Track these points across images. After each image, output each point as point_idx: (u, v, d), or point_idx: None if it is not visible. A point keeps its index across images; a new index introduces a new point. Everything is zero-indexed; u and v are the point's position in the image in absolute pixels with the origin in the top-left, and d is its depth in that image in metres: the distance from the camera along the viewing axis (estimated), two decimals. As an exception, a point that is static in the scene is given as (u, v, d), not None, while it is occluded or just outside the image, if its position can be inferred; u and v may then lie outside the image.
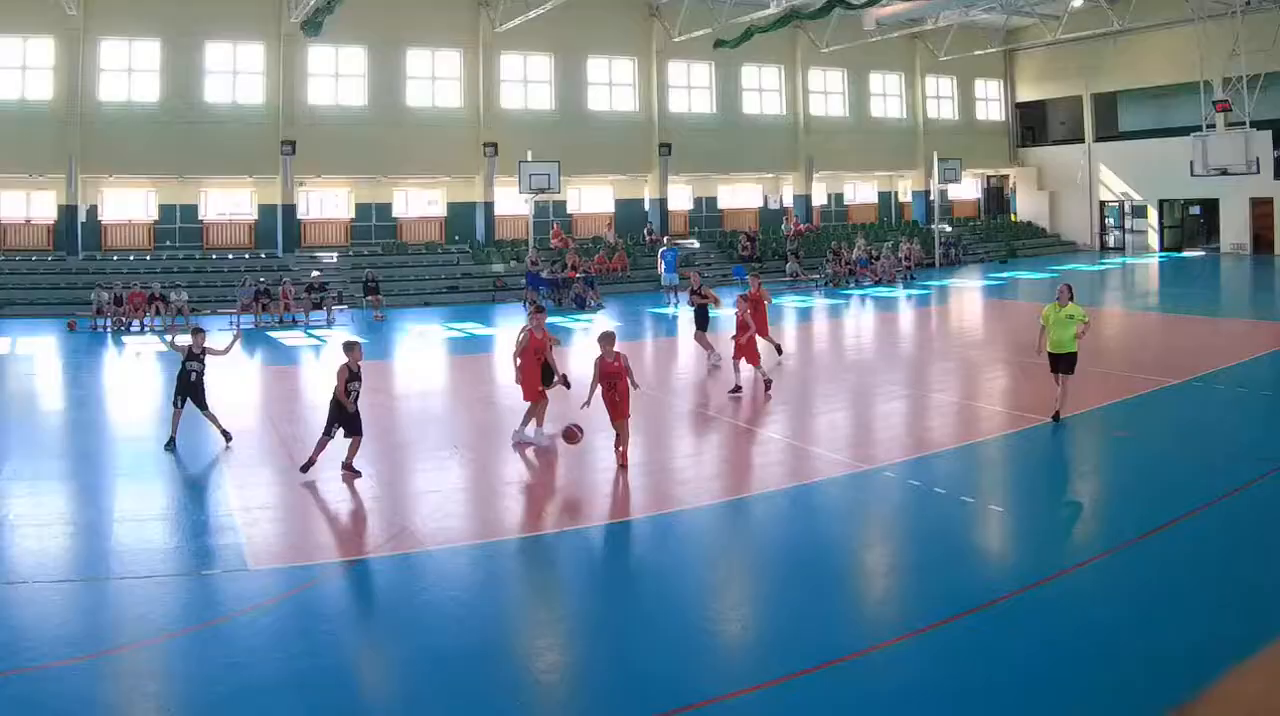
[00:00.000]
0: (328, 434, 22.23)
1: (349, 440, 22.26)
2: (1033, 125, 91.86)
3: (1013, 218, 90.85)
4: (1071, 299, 25.58)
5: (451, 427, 28.67)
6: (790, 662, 13.28)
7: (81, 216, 60.68)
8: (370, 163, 65.85)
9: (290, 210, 64.64)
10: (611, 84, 73.58)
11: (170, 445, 24.65)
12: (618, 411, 22.56)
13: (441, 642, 14.16)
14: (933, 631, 14.15)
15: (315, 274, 57.33)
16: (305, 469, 22.02)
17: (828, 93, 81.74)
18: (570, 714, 12.62)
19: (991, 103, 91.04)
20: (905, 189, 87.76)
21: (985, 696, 12.42)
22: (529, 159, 62.72)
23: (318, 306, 53.88)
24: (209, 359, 25.52)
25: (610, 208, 75.81)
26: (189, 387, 24.93)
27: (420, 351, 44.68)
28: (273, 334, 49.29)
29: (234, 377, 31.53)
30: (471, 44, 68.09)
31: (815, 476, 22.45)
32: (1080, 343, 25.61)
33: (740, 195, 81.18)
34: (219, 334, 35.00)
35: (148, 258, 61.10)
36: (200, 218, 65.32)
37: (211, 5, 61.28)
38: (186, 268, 60.19)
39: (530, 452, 24.51)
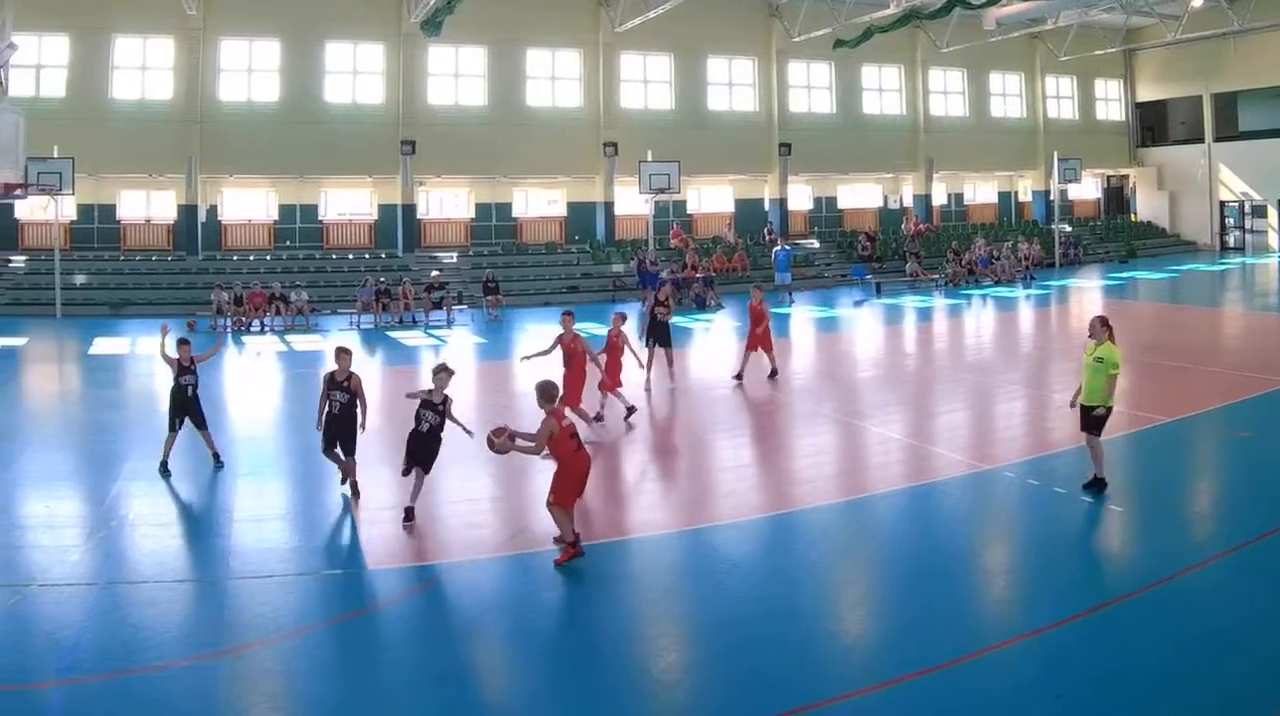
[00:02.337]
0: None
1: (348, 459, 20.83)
2: (1152, 125, 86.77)
3: (1132, 218, 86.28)
4: (1108, 337, 19.68)
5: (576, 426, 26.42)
6: (909, 662, 12.94)
7: (201, 216, 58.87)
8: (490, 163, 63.40)
9: (410, 210, 62.30)
10: (731, 84, 70.27)
11: (163, 468, 22.49)
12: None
13: (560, 643, 14.19)
14: (1051, 631, 13.86)
15: (435, 274, 55.40)
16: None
17: (947, 92, 77.71)
18: (688, 714, 12.31)
19: (1111, 102, 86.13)
20: (1025, 189, 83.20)
21: (1103, 696, 12.02)
22: (649, 159, 60.57)
23: (437, 306, 52.07)
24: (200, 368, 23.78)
25: (730, 207, 72.42)
26: (185, 404, 22.82)
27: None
28: (392, 334, 47.63)
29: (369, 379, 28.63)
30: (591, 44, 65.50)
31: (935, 476, 21.78)
32: (1112, 393, 19.78)
33: (860, 195, 77.44)
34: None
35: (268, 257, 59.24)
36: (320, 218, 63.35)
37: (332, 5, 59.65)
38: (306, 267, 58.29)
39: (649, 454, 24.58)
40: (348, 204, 64.47)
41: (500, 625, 14.77)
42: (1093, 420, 19.54)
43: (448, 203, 66.91)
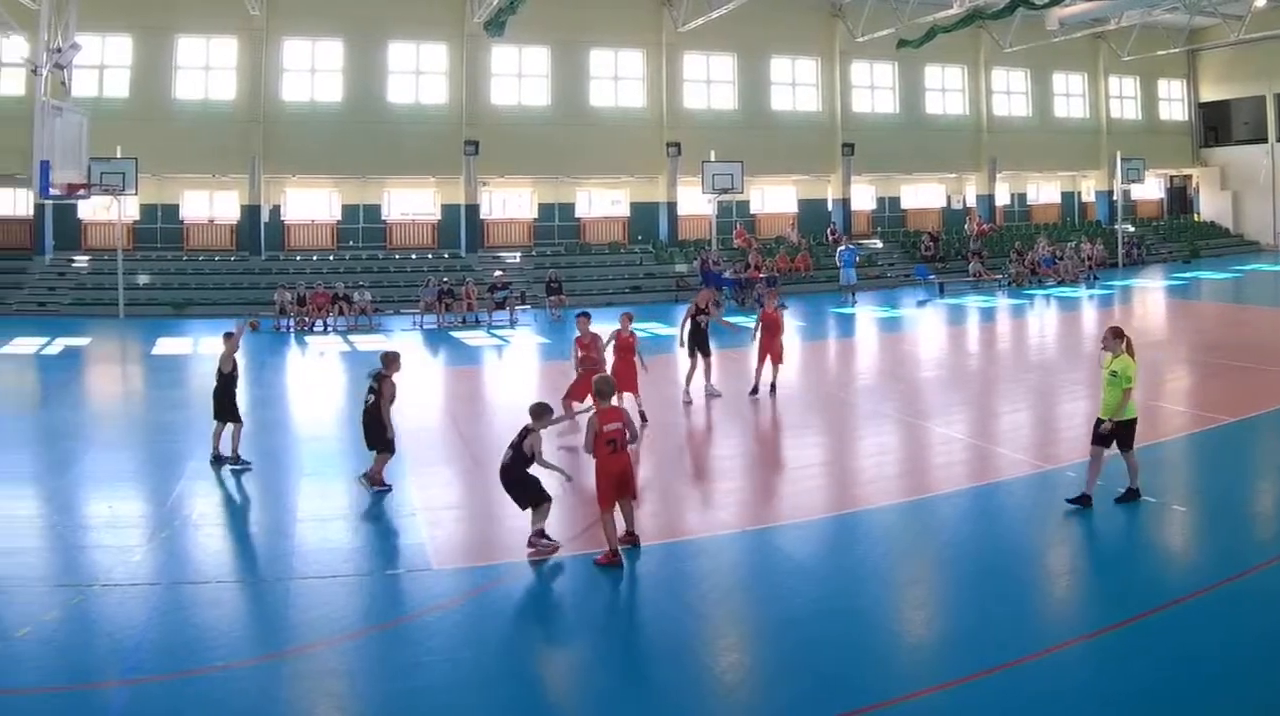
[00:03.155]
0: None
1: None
2: (1215, 125, 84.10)
3: (1195, 218, 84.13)
4: (1124, 348, 18.49)
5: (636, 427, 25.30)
6: (972, 662, 12.63)
7: (264, 216, 58.26)
8: (553, 163, 62.35)
9: (473, 210, 61.39)
10: (794, 84, 68.53)
11: (231, 461, 22.22)
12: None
13: (625, 641, 13.92)
14: (1113, 631, 13.53)
15: (498, 274, 54.57)
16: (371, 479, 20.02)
17: (1010, 92, 75.68)
18: (752, 713, 11.92)
19: (1174, 103, 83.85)
20: (1088, 189, 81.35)
21: (1164, 697, 11.76)
22: (712, 159, 59.14)
23: (500, 306, 51.24)
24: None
25: (793, 207, 70.98)
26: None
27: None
28: (455, 334, 46.99)
29: (418, 377, 29.51)
30: (654, 44, 64.07)
31: (997, 476, 21.37)
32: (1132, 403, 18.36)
33: (923, 195, 75.80)
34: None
35: (330, 257, 58.74)
36: (383, 218, 62.65)
37: (395, 5, 58.76)
38: (370, 267, 57.55)
39: (711, 454, 24.34)
40: (411, 204, 63.51)
41: (563, 625, 14.60)
42: (1100, 435, 18.28)
43: (511, 203, 65.94)
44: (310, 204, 62.17)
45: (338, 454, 23.38)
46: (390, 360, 20.69)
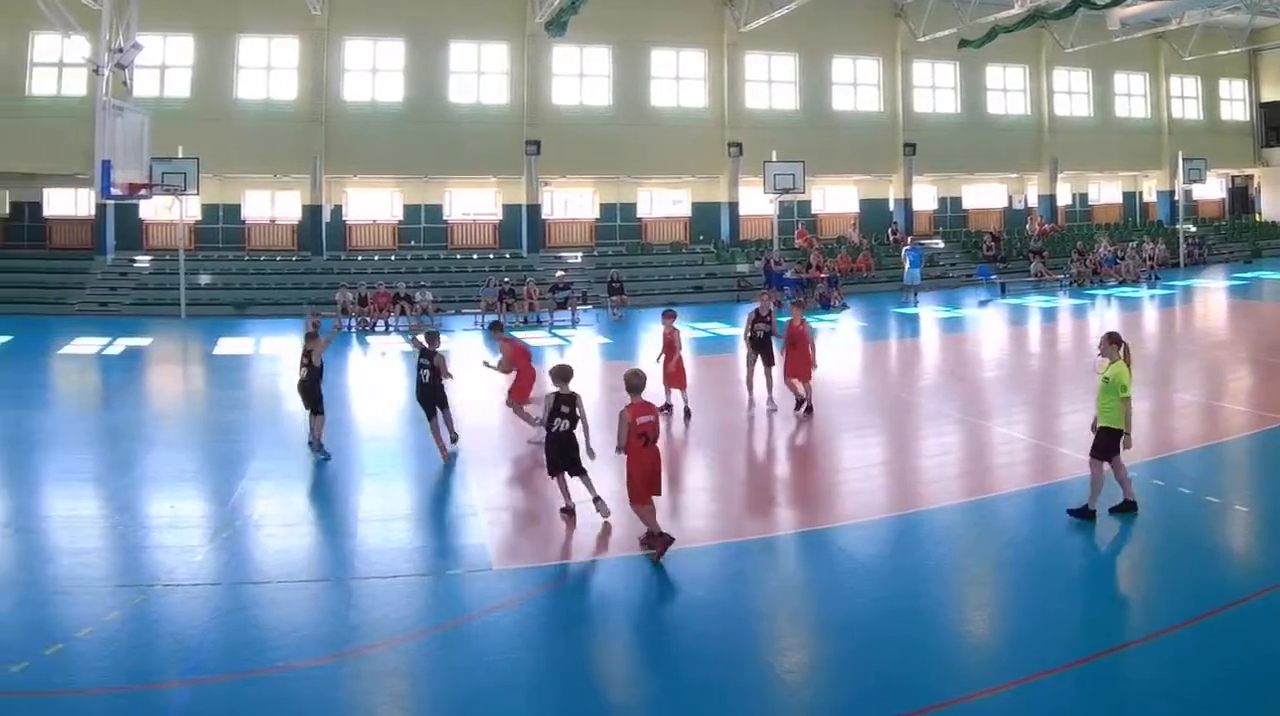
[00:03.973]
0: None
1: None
2: (1277, 125, 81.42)
3: (1257, 218, 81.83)
4: (1120, 355, 17.80)
5: (695, 427, 26.04)
6: (1034, 662, 12.45)
7: (326, 216, 57.61)
8: (614, 163, 61.30)
9: (535, 210, 60.31)
10: (856, 84, 66.73)
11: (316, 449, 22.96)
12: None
13: (685, 642, 13.66)
14: (1176, 631, 13.31)
15: (559, 274, 53.73)
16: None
17: (1072, 92, 73.29)
18: (814, 713, 11.85)
19: (1236, 103, 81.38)
20: (1150, 189, 78.11)
21: (1229, 696, 11.53)
22: (774, 159, 57.58)
23: (562, 306, 50.50)
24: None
25: (854, 207, 69.21)
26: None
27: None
28: (517, 334, 43.68)
29: (481, 377, 28.18)
30: (716, 44, 62.55)
31: (1059, 476, 20.85)
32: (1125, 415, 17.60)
33: (985, 195, 74.04)
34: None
35: (392, 257, 58.06)
36: (445, 218, 61.83)
37: (456, 5, 57.97)
38: (431, 267, 56.65)
39: (773, 454, 24.21)
40: (472, 204, 62.66)
41: (624, 625, 14.39)
42: (1098, 443, 17.74)
43: (572, 202, 64.81)
44: (372, 204, 61.35)
45: (400, 453, 23.24)
46: (434, 337, 23.14)
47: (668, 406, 26.26)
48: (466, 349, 38.77)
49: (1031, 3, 57.25)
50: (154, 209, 54.35)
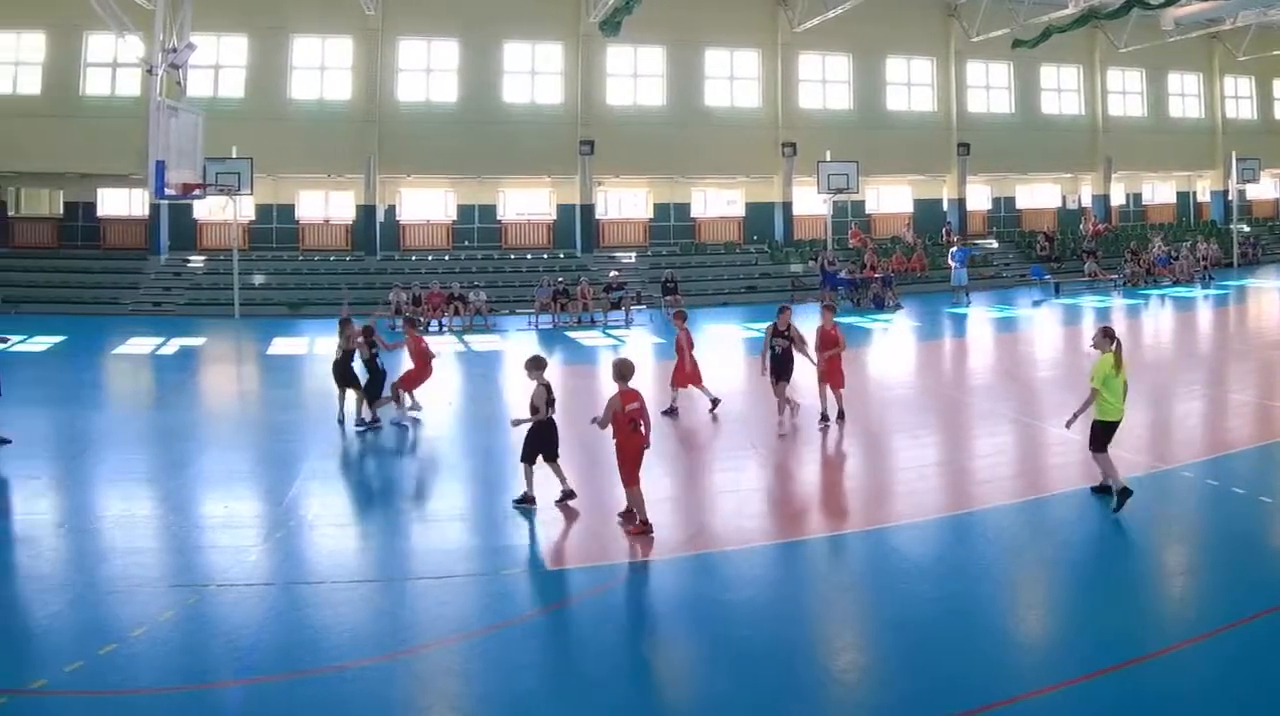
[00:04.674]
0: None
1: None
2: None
3: (1311, 217, 79.79)
4: (1112, 348, 18.02)
5: (748, 428, 25.65)
6: (1088, 663, 12.13)
7: (380, 216, 56.67)
8: (668, 163, 60.15)
9: (589, 210, 59.32)
10: (910, 84, 65.22)
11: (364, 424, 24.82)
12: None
13: (739, 643, 13.16)
14: (1229, 631, 12.92)
15: (613, 274, 52.59)
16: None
17: (1125, 93, 71.54)
18: (868, 713, 11.58)
19: (1290, 102, 79.92)
20: (1203, 188, 76.56)
21: None
22: (827, 159, 56.45)
23: (616, 306, 49.41)
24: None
25: (909, 207, 68.12)
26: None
27: (716, 352, 39.34)
28: (570, 334, 45.45)
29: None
30: (770, 44, 61.22)
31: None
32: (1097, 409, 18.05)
33: (1038, 195, 72.67)
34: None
35: (446, 257, 57.20)
36: (499, 218, 60.94)
37: (510, 5, 56.88)
38: (485, 268, 55.77)
39: (826, 454, 23.39)
40: (526, 204, 61.89)
41: (678, 625, 14.04)
42: (1092, 438, 18.05)
43: (626, 202, 63.95)
44: (426, 204, 60.63)
45: (453, 453, 23.03)
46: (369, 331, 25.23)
47: (674, 409, 26.33)
48: (519, 349, 37.87)
49: (1085, 3, 56.12)
50: (208, 209, 53.99)
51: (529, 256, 58.53)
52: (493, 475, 21.24)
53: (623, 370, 17.33)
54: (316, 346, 39.83)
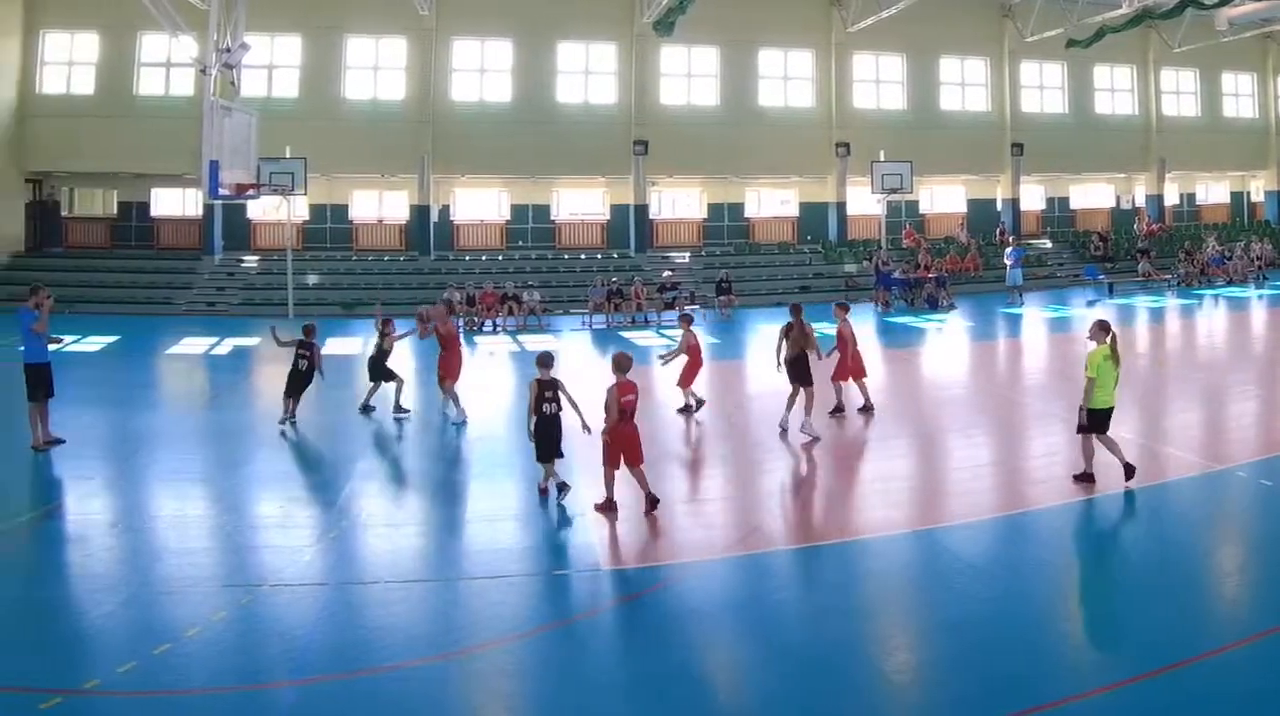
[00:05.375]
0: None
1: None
2: (1386, 125, 79.13)
3: (1365, 218, 78.05)
4: (1107, 340, 19.36)
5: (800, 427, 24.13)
6: (1141, 663, 11.90)
7: (433, 216, 55.80)
8: (722, 163, 58.80)
9: (642, 210, 58.00)
10: (964, 84, 63.51)
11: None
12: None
13: (793, 642, 12.98)
14: None
15: (667, 274, 51.62)
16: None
17: (1179, 93, 69.29)
18: (921, 713, 11.27)
19: (1344, 102, 77.26)
20: (1257, 188, 74.84)
21: None
22: (881, 159, 55.45)
23: (669, 306, 47.97)
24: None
25: (962, 207, 66.36)
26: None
27: (771, 352, 38.77)
28: (624, 334, 44.27)
29: (589, 377, 26.39)
30: (824, 44, 59.80)
31: (1166, 476, 20.04)
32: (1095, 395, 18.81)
33: (1092, 195, 70.98)
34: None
35: (500, 257, 56.09)
36: (552, 217, 59.82)
37: (564, 5, 56.18)
38: (539, 267, 54.70)
39: (880, 453, 23.17)
40: (580, 204, 60.74)
41: (732, 625, 13.65)
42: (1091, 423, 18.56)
43: (680, 202, 62.63)
44: (479, 204, 59.57)
45: (508, 453, 22.32)
46: (310, 330, 25.71)
47: (688, 407, 26.06)
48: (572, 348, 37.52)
49: (1139, 3, 54.71)
50: (261, 209, 53.32)
51: (582, 256, 57.40)
52: (578, 488, 19.95)
53: (621, 363, 17.90)
54: (370, 347, 38.68)
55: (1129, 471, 18.45)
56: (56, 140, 50.84)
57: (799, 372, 24.18)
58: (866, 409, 25.67)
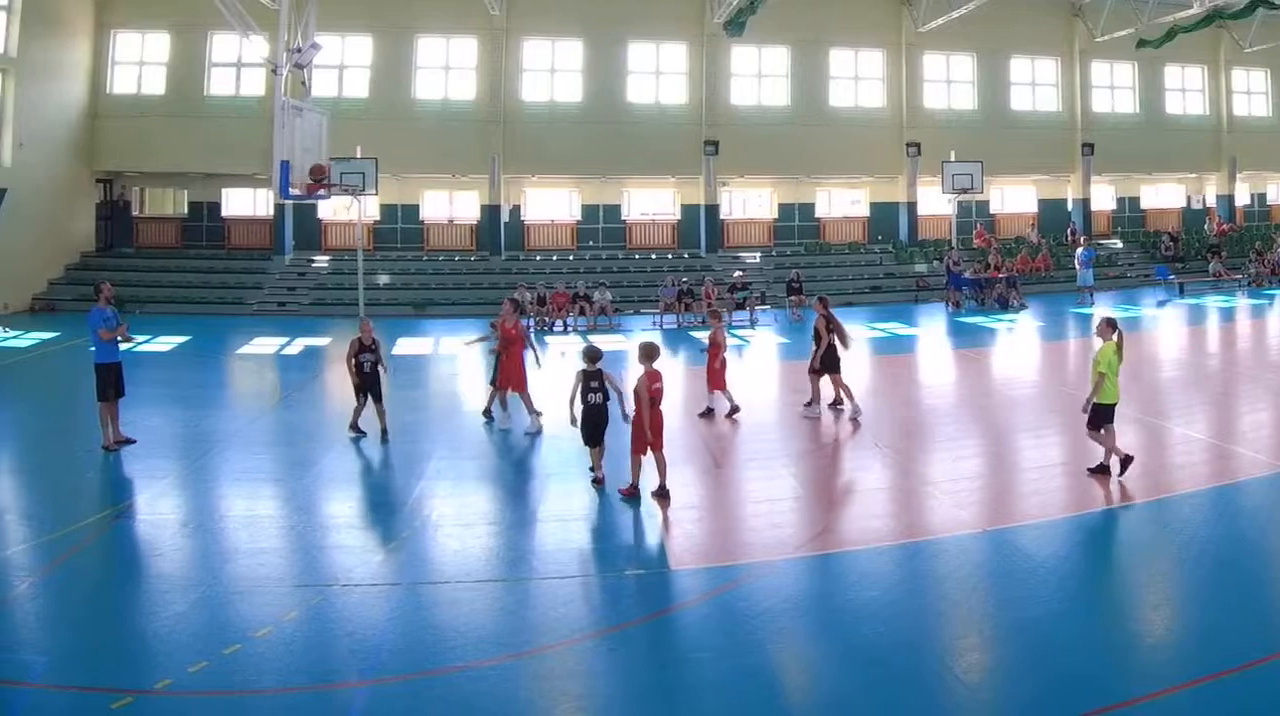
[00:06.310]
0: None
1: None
2: None
3: None
4: (1112, 337, 19.36)
5: (875, 426, 24.53)
6: (1212, 663, 11.41)
7: (504, 216, 54.10)
8: (792, 163, 56.83)
9: (713, 210, 56.26)
10: (1034, 84, 61.15)
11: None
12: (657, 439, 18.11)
13: (863, 643, 12.43)
14: None
15: (738, 274, 49.67)
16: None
17: (1250, 92, 66.65)
18: (993, 713, 10.89)
19: None
20: (1329, 189, 72.20)
21: None
22: (952, 159, 53.31)
23: (740, 306, 46.51)
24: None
25: (1033, 207, 63.73)
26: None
27: (842, 352, 38.13)
28: (695, 334, 42.21)
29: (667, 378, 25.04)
30: (894, 44, 57.67)
31: (1237, 476, 19.35)
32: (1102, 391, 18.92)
33: (1163, 195, 67.84)
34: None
35: (570, 257, 54.81)
36: (623, 217, 58.03)
37: (634, 5, 54.33)
38: (609, 268, 53.09)
39: (950, 453, 22.32)
40: (650, 204, 58.99)
41: (803, 625, 13.24)
42: (1090, 419, 18.76)
43: (750, 202, 60.54)
44: (550, 204, 58.05)
45: (579, 453, 21.12)
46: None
47: (710, 410, 25.11)
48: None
49: (1210, 3, 52.20)
50: (332, 209, 52.27)
51: (653, 256, 56.08)
52: (617, 474, 19.53)
53: (649, 352, 17.95)
54: (441, 346, 38.73)
55: (1125, 464, 18.62)
56: (127, 140, 50.00)
57: (835, 361, 24.90)
58: (835, 403, 25.65)
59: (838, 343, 24.77)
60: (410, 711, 11.04)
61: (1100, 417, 18.51)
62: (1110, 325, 19.02)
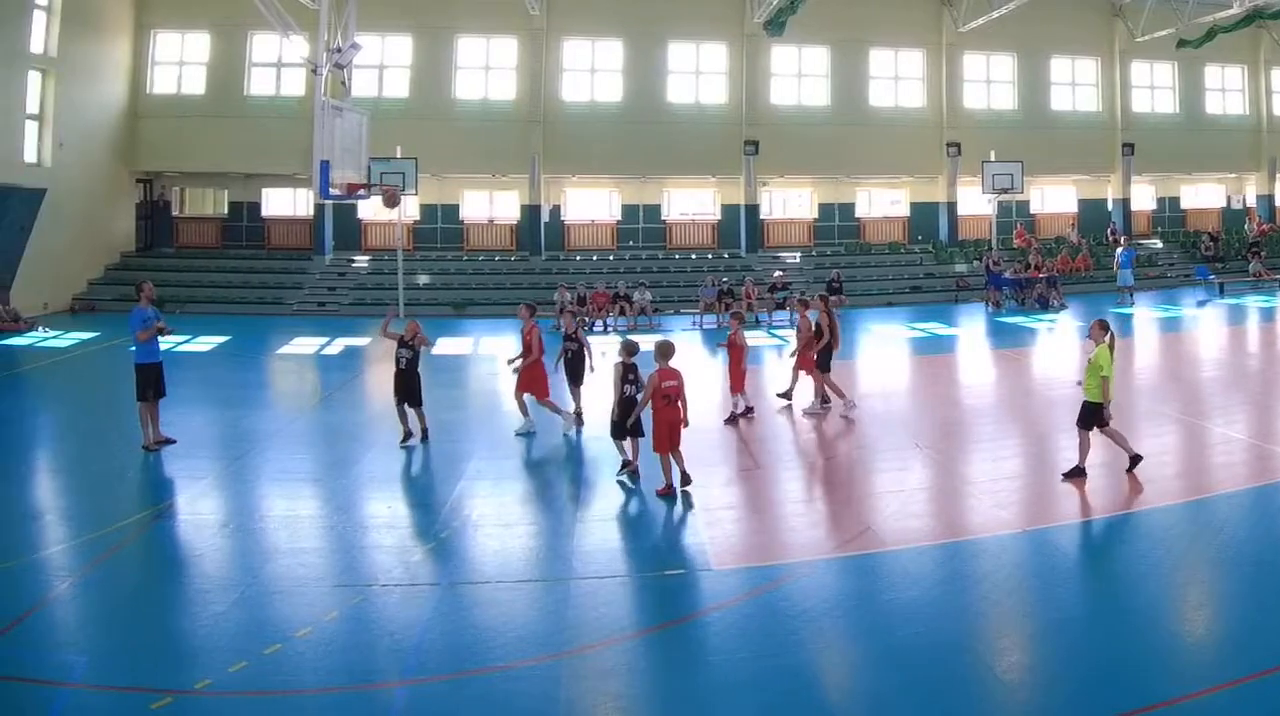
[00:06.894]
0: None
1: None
2: None
3: None
4: (1106, 340, 18.96)
5: (915, 427, 24.46)
6: (1253, 662, 11.15)
7: (544, 216, 53.43)
8: (832, 163, 55.90)
9: (753, 210, 55.48)
10: (1074, 84, 59.89)
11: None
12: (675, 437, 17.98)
13: (903, 642, 12.16)
14: None
15: (778, 274, 48.70)
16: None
17: (1291, 92, 65.21)
18: (1032, 712, 10.69)
19: None
20: (1369, 189, 70.46)
21: None
22: (992, 159, 52.25)
23: (780, 306, 45.77)
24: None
25: (1073, 207, 62.60)
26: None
27: (882, 351, 39.02)
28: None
29: (702, 378, 27.38)
30: (934, 44, 56.53)
31: (1278, 476, 18.97)
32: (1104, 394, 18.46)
33: (1203, 195, 66.08)
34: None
35: (610, 257, 53.96)
36: (663, 217, 57.03)
37: (674, 5, 53.34)
38: (649, 267, 52.27)
39: (988, 453, 22.10)
40: (690, 204, 58.03)
41: (842, 625, 13.02)
42: (1082, 416, 18.64)
43: (790, 202, 59.48)
44: (590, 204, 57.24)
45: (616, 454, 20.86)
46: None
47: (735, 416, 24.37)
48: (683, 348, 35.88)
49: (1250, 3, 50.73)
50: (372, 209, 51.27)
51: (693, 256, 55.11)
52: (654, 474, 19.11)
53: (664, 350, 17.92)
54: (481, 346, 38.47)
55: (1078, 472, 18.57)
56: (167, 140, 49.50)
57: (828, 360, 25.13)
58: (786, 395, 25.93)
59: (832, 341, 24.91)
60: (450, 711, 10.96)
61: (1092, 417, 18.42)
62: (1103, 327, 18.95)
